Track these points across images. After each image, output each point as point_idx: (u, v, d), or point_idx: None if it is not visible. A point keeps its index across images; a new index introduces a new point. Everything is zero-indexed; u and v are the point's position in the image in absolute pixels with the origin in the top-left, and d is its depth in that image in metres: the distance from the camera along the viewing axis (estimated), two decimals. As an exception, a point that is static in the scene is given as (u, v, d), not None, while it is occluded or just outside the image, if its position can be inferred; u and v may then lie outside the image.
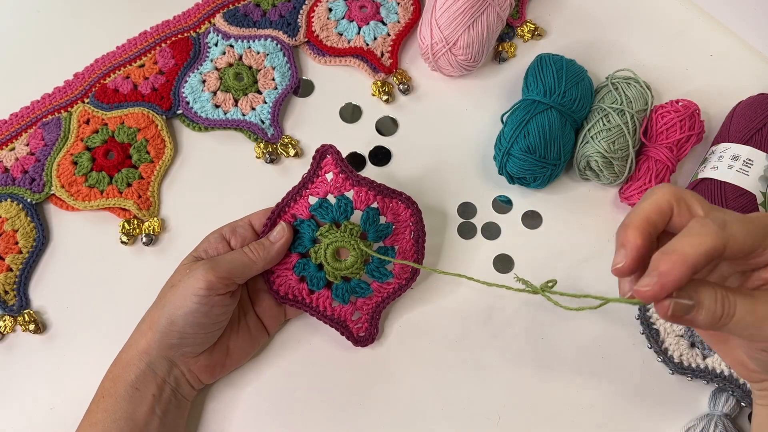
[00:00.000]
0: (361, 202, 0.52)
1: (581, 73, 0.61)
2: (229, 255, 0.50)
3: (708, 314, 0.36)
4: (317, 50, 0.67)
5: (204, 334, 0.49)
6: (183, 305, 0.47)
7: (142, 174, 0.61)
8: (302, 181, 0.53)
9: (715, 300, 0.36)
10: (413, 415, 0.53)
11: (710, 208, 0.37)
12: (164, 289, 0.51)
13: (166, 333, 0.48)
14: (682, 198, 0.37)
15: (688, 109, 0.59)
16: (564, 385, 0.54)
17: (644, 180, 0.58)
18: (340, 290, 0.52)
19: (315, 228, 0.52)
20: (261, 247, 0.51)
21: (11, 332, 0.56)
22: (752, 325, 0.36)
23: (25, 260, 0.57)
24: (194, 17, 0.68)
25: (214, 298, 0.48)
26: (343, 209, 0.52)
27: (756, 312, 0.36)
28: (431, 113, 0.65)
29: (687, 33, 0.69)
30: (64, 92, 0.64)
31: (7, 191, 0.59)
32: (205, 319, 0.48)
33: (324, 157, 0.53)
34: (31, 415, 0.53)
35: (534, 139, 0.57)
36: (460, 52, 0.62)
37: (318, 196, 0.53)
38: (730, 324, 0.36)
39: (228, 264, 0.49)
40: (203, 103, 0.64)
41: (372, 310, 0.54)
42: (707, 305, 0.36)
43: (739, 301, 0.36)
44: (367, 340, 0.54)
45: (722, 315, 0.36)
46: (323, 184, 0.53)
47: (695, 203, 0.37)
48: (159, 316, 0.48)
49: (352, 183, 0.52)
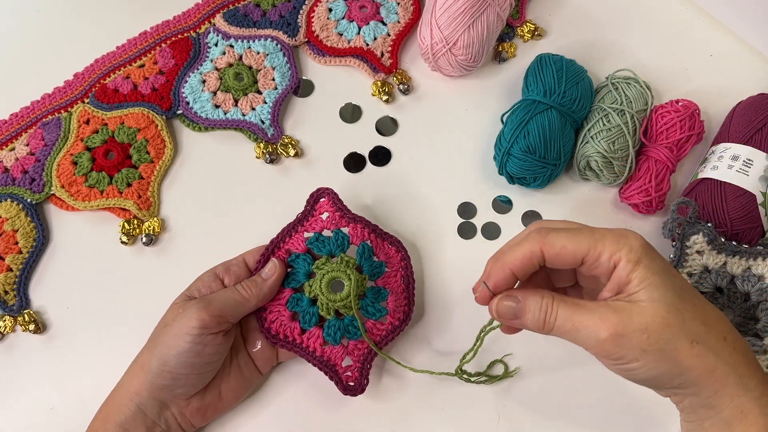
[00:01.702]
0: (356, 237, 0.53)
1: (581, 73, 0.61)
2: (221, 293, 0.50)
3: (533, 318, 0.42)
4: (317, 50, 0.67)
5: (197, 375, 0.48)
6: (175, 345, 0.47)
7: (142, 174, 0.61)
8: (297, 219, 0.54)
9: (540, 306, 0.41)
10: (413, 414, 0.53)
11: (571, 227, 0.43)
12: (157, 329, 0.50)
13: (158, 374, 0.47)
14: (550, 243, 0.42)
15: (688, 109, 0.59)
16: (564, 384, 0.54)
17: (644, 180, 0.58)
18: (333, 328, 0.51)
19: (310, 262, 0.52)
20: (253, 284, 0.51)
21: (11, 332, 0.56)
22: (570, 332, 0.41)
23: (25, 260, 0.57)
24: (194, 17, 0.68)
25: (207, 337, 0.47)
26: (340, 242, 0.52)
27: (573, 320, 0.40)
28: (431, 113, 0.65)
29: (687, 33, 0.69)
30: (64, 92, 0.64)
31: (7, 191, 0.59)
32: (198, 359, 0.47)
33: (318, 200, 0.54)
34: (31, 415, 0.53)
35: (534, 139, 0.57)
36: (460, 52, 0.62)
37: (314, 231, 0.53)
38: (554, 330, 0.41)
39: (220, 302, 0.48)
40: (203, 103, 0.64)
41: (364, 357, 0.52)
42: (532, 310, 0.42)
43: (561, 309, 0.41)
44: (356, 390, 0.51)
45: (545, 320, 0.41)
46: (318, 221, 0.54)
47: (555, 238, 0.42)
48: (151, 356, 0.48)
49: (347, 221, 0.53)
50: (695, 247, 0.54)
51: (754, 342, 0.52)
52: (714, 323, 0.40)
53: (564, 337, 0.42)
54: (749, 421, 0.39)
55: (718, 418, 0.40)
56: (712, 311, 0.41)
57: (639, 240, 0.41)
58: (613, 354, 0.40)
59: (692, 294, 0.41)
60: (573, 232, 0.42)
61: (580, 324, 0.40)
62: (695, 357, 0.39)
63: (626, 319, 0.39)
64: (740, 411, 0.39)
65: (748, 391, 0.40)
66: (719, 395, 0.40)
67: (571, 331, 0.41)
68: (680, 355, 0.39)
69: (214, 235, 0.60)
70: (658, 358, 0.39)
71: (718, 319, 0.41)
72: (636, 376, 0.40)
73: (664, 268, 0.41)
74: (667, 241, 0.59)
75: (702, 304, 0.41)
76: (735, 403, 0.39)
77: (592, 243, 0.41)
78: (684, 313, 0.39)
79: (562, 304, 0.41)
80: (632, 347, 0.39)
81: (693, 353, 0.39)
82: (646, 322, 0.39)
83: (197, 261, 0.57)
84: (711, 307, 0.42)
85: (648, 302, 0.39)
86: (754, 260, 0.53)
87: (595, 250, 0.41)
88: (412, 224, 0.60)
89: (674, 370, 0.39)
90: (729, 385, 0.39)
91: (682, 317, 0.39)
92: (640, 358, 0.39)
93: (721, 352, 0.39)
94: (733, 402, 0.39)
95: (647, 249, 0.41)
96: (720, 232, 0.55)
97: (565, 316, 0.41)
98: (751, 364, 0.40)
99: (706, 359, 0.39)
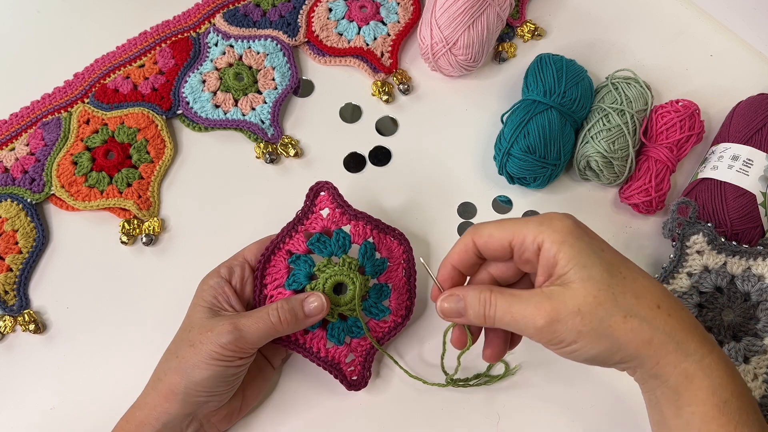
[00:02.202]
0: (358, 236, 0.52)
1: (581, 73, 0.61)
2: (254, 320, 0.47)
3: (474, 312, 0.43)
4: (317, 50, 0.67)
5: (229, 390, 0.48)
6: (207, 368, 0.46)
7: (142, 174, 0.61)
8: (297, 218, 0.53)
9: (479, 300, 0.42)
10: (413, 413, 0.53)
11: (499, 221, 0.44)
12: (181, 345, 0.48)
13: (191, 394, 0.46)
14: (479, 233, 0.44)
15: (688, 109, 0.59)
16: (564, 384, 0.54)
17: (644, 180, 0.58)
18: (336, 329, 0.51)
19: (312, 264, 0.51)
20: (293, 315, 0.48)
21: (11, 332, 0.56)
22: (510, 324, 0.42)
23: (25, 260, 0.57)
24: (194, 17, 0.68)
25: (238, 360, 0.47)
26: (342, 243, 0.51)
27: (512, 312, 0.41)
28: (431, 113, 0.65)
29: (687, 33, 0.69)
30: (64, 92, 0.64)
31: (7, 191, 0.59)
32: (232, 378, 0.47)
33: (318, 194, 0.53)
34: (31, 415, 0.53)
35: (534, 139, 0.57)
36: (460, 52, 0.62)
37: (315, 231, 0.52)
38: (495, 322, 0.42)
39: (254, 332, 0.47)
40: (203, 103, 0.64)
41: (366, 352, 0.52)
42: (472, 304, 0.43)
43: (500, 301, 0.42)
44: (359, 384, 0.52)
45: (485, 314, 0.42)
46: (319, 219, 0.52)
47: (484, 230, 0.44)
48: (180, 378, 0.46)
49: (348, 218, 0.52)
50: (695, 247, 0.54)
51: (754, 342, 0.52)
52: (645, 293, 0.41)
53: (507, 329, 0.43)
54: (695, 385, 0.40)
55: (666, 387, 0.41)
56: (644, 280, 0.41)
57: (564, 220, 0.42)
58: (553, 339, 0.40)
59: (623, 267, 0.41)
60: (500, 221, 0.43)
61: (518, 314, 0.41)
62: (630, 331, 0.39)
63: (559, 304, 0.40)
64: (685, 376, 0.40)
65: (688, 356, 0.40)
66: (661, 365, 0.40)
67: (511, 323, 0.41)
68: (615, 332, 0.39)
69: (213, 234, 0.60)
70: (595, 338, 0.40)
71: (650, 288, 0.41)
72: (579, 357, 0.41)
73: (590, 245, 0.41)
74: (668, 241, 0.59)
75: (633, 276, 0.41)
76: (678, 369, 0.40)
77: (517, 228, 0.42)
78: (614, 288, 0.40)
79: (500, 296, 0.42)
80: (569, 330, 0.39)
81: (627, 327, 0.39)
82: (579, 303, 0.39)
83: (197, 261, 0.57)
84: (643, 275, 0.42)
85: (578, 282, 0.40)
86: (754, 260, 0.53)
87: (520, 235, 0.42)
88: (412, 224, 0.60)
89: (612, 346, 0.40)
90: (669, 353, 0.40)
91: (612, 293, 0.40)
92: (579, 340, 0.40)
93: (655, 321, 0.40)
94: (676, 369, 0.40)
95: (572, 228, 0.41)
96: (720, 232, 0.55)
97: (503, 308, 0.41)
98: (688, 329, 0.41)
99: (640, 331, 0.40)
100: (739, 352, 0.52)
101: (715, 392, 0.40)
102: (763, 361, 0.51)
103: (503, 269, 0.46)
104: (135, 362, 0.55)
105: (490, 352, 0.47)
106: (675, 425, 0.41)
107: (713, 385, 0.40)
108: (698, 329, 0.41)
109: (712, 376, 0.40)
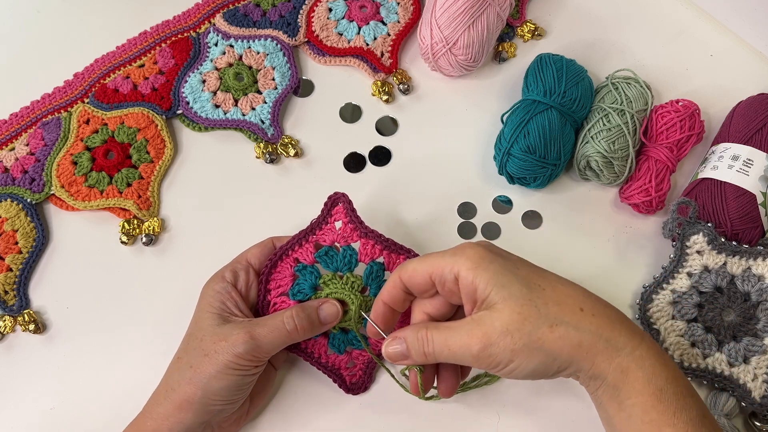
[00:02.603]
0: (366, 255, 0.51)
1: (581, 73, 0.61)
2: (270, 331, 0.47)
3: (415, 351, 0.44)
4: (317, 50, 0.67)
5: (243, 396, 0.48)
6: (223, 378, 0.46)
7: (142, 174, 0.61)
8: (310, 226, 0.52)
9: (416, 339, 0.43)
10: (414, 415, 0.53)
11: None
12: (194, 355, 0.47)
13: (207, 403, 0.46)
14: (404, 269, 0.45)
15: (688, 109, 0.59)
16: (564, 385, 0.54)
17: (644, 180, 0.58)
18: (337, 340, 0.52)
19: (317, 275, 0.51)
20: (309, 322, 0.48)
21: (11, 332, 0.56)
22: (449, 357, 0.43)
23: (24, 260, 0.57)
24: (194, 17, 0.68)
25: (254, 368, 0.47)
26: (348, 260, 0.51)
27: (448, 345, 0.42)
28: (431, 113, 0.65)
29: (687, 33, 0.69)
30: (63, 92, 0.64)
31: (7, 191, 0.59)
32: (247, 385, 0.48)
33: (336, 204, 0.52)
34: (31, 415, 0.53)
35: (534, 139, 0.57)
36: (460, 52, 0.62)
37: (324, 243, 0.51)
38: (435, 357, 0.43)
39: (269, 341, 0.47)
40: (203, 103, 0.64)
41: (367, 361, 0.53)
42: (412, 344, 0.44)
43: (435, 336, 0.43)
44: (359, 388, 0.53)
45: (424, 351, 0.43)
46: (331, 231, 0.52)
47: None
48: (196, 389, 0.46)
49: (359, 234, 0.51)
50: (695, 247, 0.54)
51: (754, 342, 0.52)
52: (566, 300, 0.42)
53: (448, 362, 0.43)
54: (631, 378, 0.41)
55: (606, 385, 0.42)
56: (563, 287, 0.43)
57: (475, 248, 0.43)
58: (491, 363, 0.41)
59: (539, 279, 0.43)
60: (423, 257, 0.45)
61: (454, 345, 0.42)
62: (559, 339, 0.41)
63: (489, 328, 0.41)
64: (620, 371, 0.41)
65: (619, 351, 0.41)
66: (596, 364, 0.41)
67: (450, 356, 0.42)
68: (546, 343, 0.41)
69: (213, 235, 0.60)
70: (528, 353, 0.41)
71: (570, 293, 0.42)
72: (519, 374, 0.42)
73: (504, 265, 0.42)
74: (668, 241, 0.59)
75: (552, 285, 0.43)
76: (613, 365, 0.41)
77: (435, 262, 0.43)
78: (535, 300, 0.41)
79: (435, 331, 0.43)
80: (502, 351, 0.41)
81: (555, 336, 0.41)
82: (505, 323, 0.41)
83: (197, 261, 0.58)
84: (562, 282, 0.43)
85: (501, 303, 0.41)
86: (754, 260, 0.53)
87: (438, 267, 0.43)
88: (411, 224, 0.60)
89: (546, 358, 0.41)
90: (599, 351, 0.41)
91: (535, 305, 0.41)
92: (514, 359, 0.41)
93: (581, 324, 0.41)
94: (611, 365, 0.41)
95: (484, 254, 0.43)
96: (720, 232, 0.55)
97: (440, 342, 0.43)
98: (614, 325, 0.42)
99: (568, 337, 0.41)
100: (739, 352, 0.52)
101: (650, 381, 0.41)
102: (763, 361, 0.51)
103: (437, 306, 0.47)
104: (135, 362, 0.55)
105: (444, 387, 0.48)
106: (619, 420, 0.42)
107: (647, 375, 0.41)
108: (625, 324, 0.43)
109: (644, 367, 0.41)
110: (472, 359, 0.42)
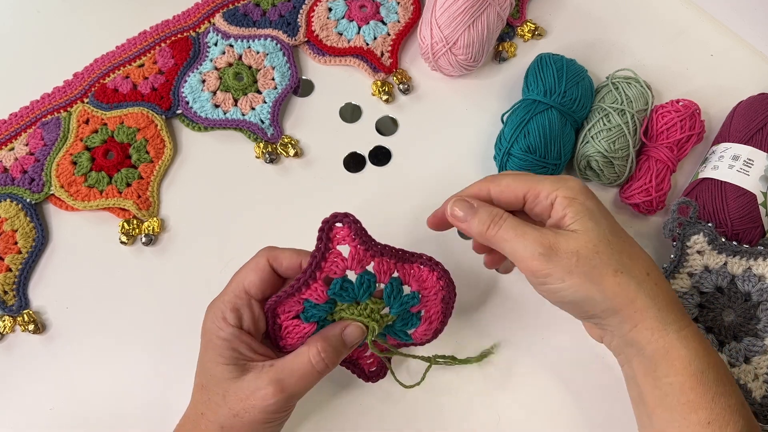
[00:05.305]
0: (383, 274, 0.45)
1: (581, 72, 0.61)
2: (300, 378, 0.43)
3: (480, 220, 0.45)
4: (317, 50, 0.67)
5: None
6: (254, 424, 0.43)
7: (142, 174, 0.61)
8: (313, 263, 0.43)
9: (489, 213, 0.45)
10: (413, 413, 0.53)
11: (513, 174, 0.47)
12: (221, 414, 0.43)
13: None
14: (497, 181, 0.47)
15: (689, 109, 0.59)
16: (565, 384, 0.54)
17: (645, 180, 0.58)
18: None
19: (332, 307, 0.46)
20: (334, 352, 0.44)
21: (11, 332, 0.56)
22: (510, 242, 0.43)
23: (24, 260, 0.57)
24: (194, 17, 0.68)
25: (287, 413, 0.46)
26: (366, 287, 0.44)
27: (516, 230, 0.43)
28: (431, 113, 0.65)
29: (687, 33, 0.69)
30: (63, 92, 0.64)
31: (7, 191, 0.59)
32: (279, 427, 0.46)
33: (332, 228, 0.43)
34: (31, 415, 0.53)
35: (534, 139, 0.57)
36: (460, 52, 0.62)
37: (335, 276, 0.44)
38: (497, 233, 0.44)
39: (303, 389, 0.44)
40: (203, 103, 0.64)
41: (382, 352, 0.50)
42: (481, 215, 0.45)
43: (509, 221, 0.44)
44: (378, 375, 0.52)
45: (490, 225, 0.44)
46: (340, 261, 0.44)
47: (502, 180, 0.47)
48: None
49: (372, 254, 0.44)
50: (696, 247, 0.54)
51: (754, 342, 0.52)
52: (638, 259, 0.43)
53: (503, 246, 0.44)
54: (672, 356, 0.41)
55: (642, 356, 0.41)
56: (641, 251, 0.44)
57: (577, 182, 0.45)
58: (543, 270, 0.42)
59: (622, 232, 0.44)
60: (517, 174, 0.47)
61: (522, 233, 0.43)
62: (617, 285, 0.41)
63: (561, 242, 0.42)
64: (662, 347, 0.41)
65: (667, 326, 0.41)
66: (639, 329, 0.41)
67: (509, 247, 0.43)
68: (604, 281, 0.41)
69: (213, 235, 0.60)
70: (583, 281, 0.41)
71: (643, 257, 0.44)
72: (563, 297, 0.42)
73: (598, 207, 0.44)
74: (668, 241, 0.59)
75: (631, 242, 0.44)
76: (655, 337, 0.41)
77: (532, 183, 0.45)
78: (613, 245, 0.42)
79: (510, 218, 0.44)
80: (561, 266, 0.41)
81: (616, 281, 0.41)
82: (579, 246, 0.42)
83: (197, 261, 0.58)
84: (640, 248, 0.44)
85: (582, 232, 0.42)
86: (755, 260, 0.53)
87: (535, 189, 0.45)
88: (411, 224, 0.60)
89: (597, 295, 0.41)
90: (648, 318, 0.41)
91: (610, 248, 0.42)
92: (566, 279, 0.41)
93: (643, 284, 0.42)
94: (653, 337, 0.41)
95: (584, 190, 0.44)
96: (720, 232, 0.55)
97: (509, 226, 0.44)
98: (671, 302, 0.42)
99: (627, 288, 0.41)
100: (739, 352, 0.51)
101: (691, 362, 0.40)
102: (764, 361, 0.51)
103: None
104: (135, 362, 0.55)
105: (490, 259, 0.50)
106: (653, 398, 0.41)
107: (690, 355, 0.40)
108: (678, 305, 0.43)
109: (689, 347, 0.41)
110: (530, 259, 0.42)
